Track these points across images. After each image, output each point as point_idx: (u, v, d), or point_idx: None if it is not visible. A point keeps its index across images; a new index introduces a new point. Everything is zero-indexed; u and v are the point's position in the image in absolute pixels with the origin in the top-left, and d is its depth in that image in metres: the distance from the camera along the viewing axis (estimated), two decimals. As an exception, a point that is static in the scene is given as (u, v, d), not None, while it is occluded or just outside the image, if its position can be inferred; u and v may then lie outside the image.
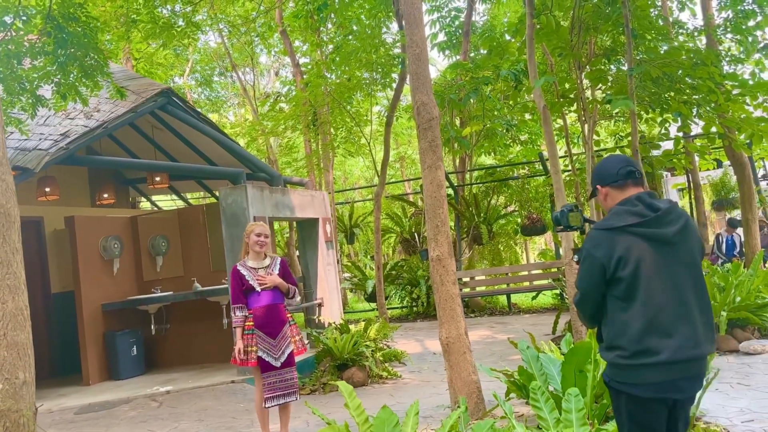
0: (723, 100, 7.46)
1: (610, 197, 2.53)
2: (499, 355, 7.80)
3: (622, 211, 2.43)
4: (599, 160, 2.63)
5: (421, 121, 5.40)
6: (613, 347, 2.37)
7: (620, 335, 2.34)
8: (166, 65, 17.65)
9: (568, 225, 2.82)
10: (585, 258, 2.43)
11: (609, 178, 2.52)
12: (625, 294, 2.34)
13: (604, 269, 2.36)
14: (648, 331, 2.30)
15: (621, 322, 2.35)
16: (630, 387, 2.34)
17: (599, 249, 2.38)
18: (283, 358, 4.79)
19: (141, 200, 12.93)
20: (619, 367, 2.36)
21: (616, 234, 2.37)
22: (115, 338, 7.96)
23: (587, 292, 2.44)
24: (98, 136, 7.34)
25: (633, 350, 2.31)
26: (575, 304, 2.52)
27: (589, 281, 2.42)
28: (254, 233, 4.84)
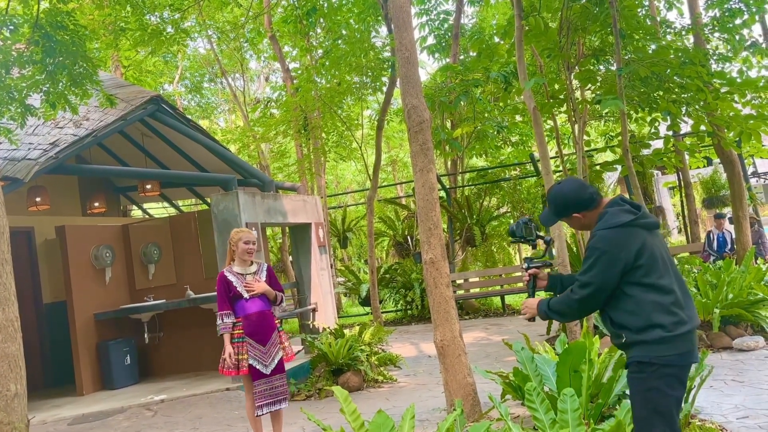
0: (711, 98, 7.51)
1: (588, 216, 2.79)
2: (494, 356, 7.80)
3: (617, 211, 2.68)
4: (557, 181, 2.94)
5: (411, 124, 5.41)
6: (652, 326, 2.55)
7: (655, 312, 2.56)
8: (155, 72, 17.60)
9: (523, 236, 3.04)
10: (601, 255, 2.60)
11: (585, 204, 2.78)
12: (648, 277, 2.59)
13: (624, 264, 2.58)
14: (676, 304, 2.59)
15: (651, 301, 2.57)
16: (676, 358, 2.55)
17: (618, 245, 2.60)
18: (273, 365, 4.76)
19: (132, 208, 12.88)
20: (664, 341, 2.54)
21: (627, 228, 2.62)
22: (108, 348, 7.90)
23: (603, 286, 2.61)
24: (88, 144, 7.31)
25: (672, 322, 2.55)
26: (581, 299, 2.65)
27: (607, 276, 2.59)
28: (242, 241, 4.79)
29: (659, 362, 2.55)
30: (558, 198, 2.83)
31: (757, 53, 10.10)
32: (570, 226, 2.94)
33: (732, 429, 4.23)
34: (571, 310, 2.73)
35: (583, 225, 2.84)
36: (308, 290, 8.83)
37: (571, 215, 2.81)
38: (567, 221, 2.88)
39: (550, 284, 3.03)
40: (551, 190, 2.89)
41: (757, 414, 4.47)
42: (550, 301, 2.81)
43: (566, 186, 2.84)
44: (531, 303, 2.90)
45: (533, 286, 2.99)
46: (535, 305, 2.87)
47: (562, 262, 6.86)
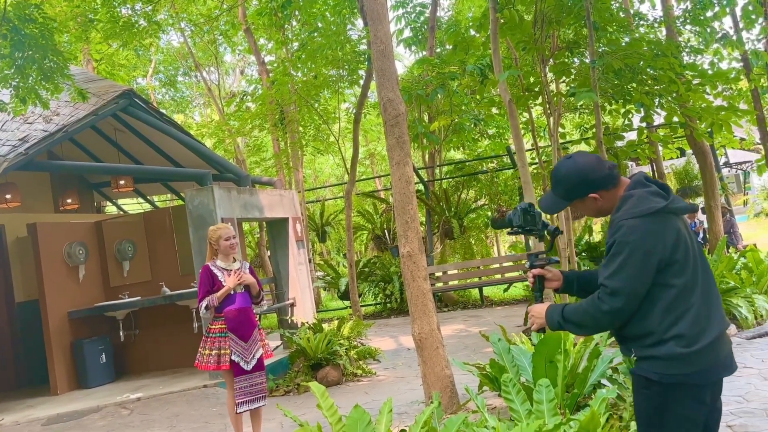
0: (683, 90, 7.60)
1: (606, 197, 2.25)
2: (473, 348, 7.85)
3: (645, 195, 2.17)
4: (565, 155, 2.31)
5: (387, 117, 5.39)
6: (668, 339, 2.09)
7: (676, 323, 2.10)
8: (128, 66, 17.34)
9: (522, 226, 2.45)
10: (633, 251, 2.08)
11: (606, 181, 2.24)
12: (678, 276, 2.11)
13: (659, 259, 2.09)
14: (701, 309, 2.12)
15: (677, 309, 2.10)
16: (693, 376, 2.09)
17: (650, 237, 2.09)
18: (253, 361, 4.75)
19: (106, 204, 12.69)
20: (679, 358, 2.08)
21: (661, 216, 2.12)
22: (83, 346, 7.79)
23: (638, 291, 2.10)
24: (59, 140, 7.17)
25: (693, 333, 2.09)
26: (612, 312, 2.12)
27: (642, 278, 2.09)
28: (223, 238, 4.75)
29: (669, 381, 2.10)
30: (571, 175, 2.26)
31: (728, 45, 10.25)
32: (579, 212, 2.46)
33: (704, 416, 4.30)
34: (595, 322, 2.18)
35: (599, 209, 2.29)
36: (286, 285, 8.79)
37: (586, 197, 2.25)
38: (579, 205, 2.32)
39: (565, 284, 2.46)
40: (560, 166, 2.31)
41: (728, 400, 4.55)
42: (565, 309, 2.24)
43: (581, 160, 2.27)
44: (539, 310, 2.33)
45: (540, 288, 2.44)
46: (543, 313, 2.30)
47: (539, 254, 6.91)
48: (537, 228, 2.46)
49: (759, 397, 4.55)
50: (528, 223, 2.45)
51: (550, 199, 2.35)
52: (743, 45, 10.49)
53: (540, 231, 2.47)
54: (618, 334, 2.23)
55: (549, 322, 2.28)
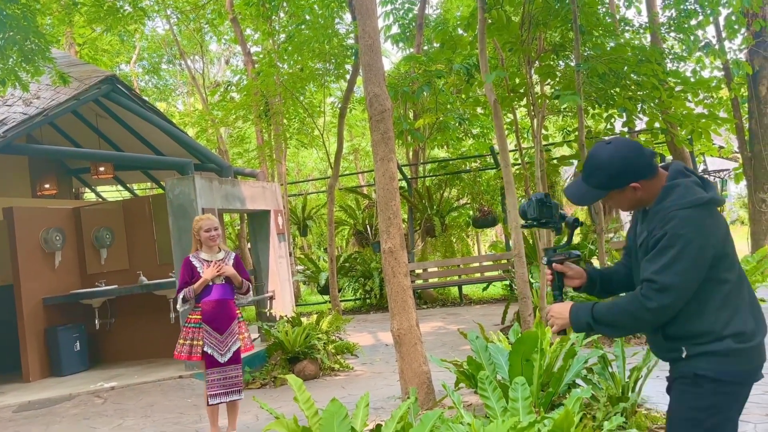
0: (666, 96, 7.70)
1: (645, 188, 2.07)
2: (450, 345, 7.89)
3: (691, 185, 2.03)
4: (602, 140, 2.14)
5: (373, 113, 5.38)
6: (726, 335, 1.98)
7: (733, 317, 2.00)
8: (111, 52, 17.11)
9: (537, 219, 2.26)
10: (687, 245, 1.94)
11: (647, 170, 2.06)
12: (729, 271, 2.02)
13: (714, 252, 1.98)
14: (752, 307, 2.05)
15: (730, 303, 2.01)
16: (743, 375, 2.01)
17: (705, 229, 1.97)
18: (228, 354, 4.72)
19: (85, 191, 12.53)
20: (735, 354, 1.98)
21: (710, 208, 2.00)
22: (57, 333, 7.69)
23: (689, 287, 1.97)
24: (38, 123, 7.06)
25: (749, 329, 2.01)
26: (660, 309, 1.97)
27: (696, 273, 1.96)
28: (203, 230, 4.72)
29: (724, 378, 1.99)
30: (614, 162, 2.05)
31: (710, 54, 10.40)
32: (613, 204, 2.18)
33: (675, 417, 4.37)
34: (636, 322, 2.02)
35: (637, 201, 2.11)
36: (266, 278, 8.75)
37: (626, 186, 2.07)
38: (615, 197, 2.12)
39: (588, 283, 2.30)
40: (599, 152, 2.10)
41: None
42: (596, 308, 2.07)
43: (624, 145, 2.08)
44: (559, 310, 2.15)
45: (560, 286, 2.26)
46: (566, 313, 2.13)
47: (518, 254, 6.96)
48: (554, 220, 2.27)
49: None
50: (544, 215, 2.26)
51: (582, 190, 2.13)
52: (725, 54, 10.66)
53: (557, 223, 2.28)
54: (661, 333, 2.06)
55: (575, 322, 2.11)
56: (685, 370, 2.04)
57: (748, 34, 10.69)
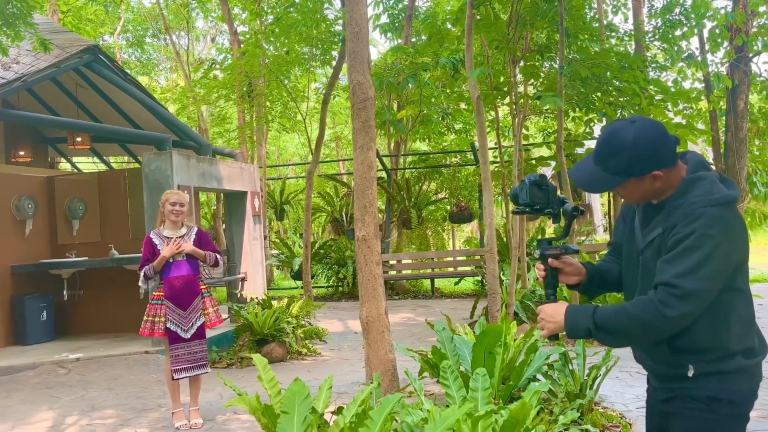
0: (645, 104, 7.82)
1: (665, 178, 1.80)
2: (418, 336, 7.97)
3: (713, 178, 1.79)
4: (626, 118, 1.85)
5: (355, 100, 5.40)
6: (739, 351, 1.79)
7: (747, 332, 1.81)
8: (95, 22, 16.82)
9: (530, 204, 1.96)
10: (716, 247, 1.69)
11: (672, 158, 1.80)
12: (745, 281, 1.81)
13: (738, 259, 1.77)
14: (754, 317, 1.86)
15: (744, 316, 1.80)
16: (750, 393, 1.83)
17: (734, 232, 1.75)
18: (192, 330, 4.73)
19: (60, 161, 12.35)
20: (744, 371, 1.80)
21: (734, 207, 1.78)
22: (24, 302, 7.61)
23: (712, 294, 1.73)
24: (16, 89, 6.95)
25: (757, 344, 1.83)
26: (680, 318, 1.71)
27: (721, 278, 1.73)
28: (169, 202, 4.71)
29: (738, 399, 1.79)
30: (640, 144, 1.75)
31: (692, 65, 10.56)
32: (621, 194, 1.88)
33: (630, 417, 4.50)
34: (648, 331, 1.74)
35: (654, 192, 1.82)
36: (239, 259, 8.73)
37: (647, 174, 1.77)
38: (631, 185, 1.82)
39: (587, 282, 2.03)
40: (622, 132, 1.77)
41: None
42: (598, 312, 1.78)
43: (649, 127, 1.77)
44: (554, 312, 1.86)
45: (554, 284, 1.98)
46: (560, 316, 1.84)
47: (491, 250, 7.05)
48: (550, 206, 1.98)
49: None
50: (539, 199, 1.96)
51: (596, 174, 1.82)
52: (707, 66, 10.83)
53: (555, 210, 1.98)
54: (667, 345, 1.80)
55: (571, 327, 1.82)
56: (694, 393, 1.81)
57: (731, 48, 10.87)
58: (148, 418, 4.93)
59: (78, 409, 5.21)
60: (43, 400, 5.48)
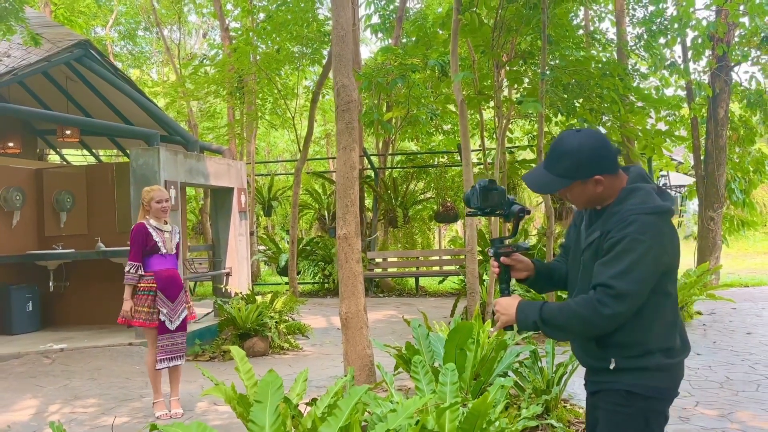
0: (624, 111, 8.02)
1: (606, 185, 1.98)
2: (399, 333, 8.13)
3: (650, 190, 1.96)
4: (556, 138, 2.06)
5: (339, 102, 5.54)
6: (659, 349, 1.94)
7: (670, 332, 1.97)
8: (87, 14, 16.83)
9: (481, 207, 2.14)
10: (648, 251, 1.85)
11: (614, 164, 1.98)
12: (673, 285, 1.98)
13: (669, 262, 1.92)
14: (678, 321, 2.01)
15: (669, 317, 1.96)
16: (669, 391, 1.98)
17: (664, 238, 1.90)
18: (177, 322, 4.87)
19: (49, 153, 12.40)
20: (663, 369, 1.95)
21: (668, 217, 1.94)
22: (10, 292, 7.70)
23: (643, 295, 1.88)
24: (6, 82, 7.05)
25: (678, 344, 1.98)
26: (614, 317, 1.87)
27: (651, 279, 1.88)
28: (155, 200, 4.81)
29: (654, 395, 1.94)
30: (584, 149, 1.95)
31: (675, 72, 10.77)
32: (569, 197, 2.05)
33: (597, 413, 4.68)
34: (587, 327, 1.90)
35: (596, 197, 2.00)
36: (224, 254, 8.86)
37: (589, 178, 1.96)
38: (576, 189, 2.00)
39: (534, 277, 2.22)
40: (568, 138, 1.99)
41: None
42: (545, 308, 1.95)
43: (592, 136, 1.99)
44: (507, 305, 2.03)
45: (507, 279, 2.17)
46: (513, 309, 2.01)
47: (471, 251, 7.22)
48: (501, 207, 2.15)
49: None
50: (489, 203, 2.14)
51: (545, 178, 2.00)
52: (689, 74, 11.05)
53: (505, 211, 2.15)
54: (596, 347, 1.98)
55: (521, 320, 1.99)
56: (614, 386, 1.97)
57: (712, 58, 11.10)
58: (130, 407, 5.06)
59: (61, 397, 5.33)
60: (27, 389, 5.59)
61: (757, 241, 20.28)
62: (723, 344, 7.09)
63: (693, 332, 7.84)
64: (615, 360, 1.95)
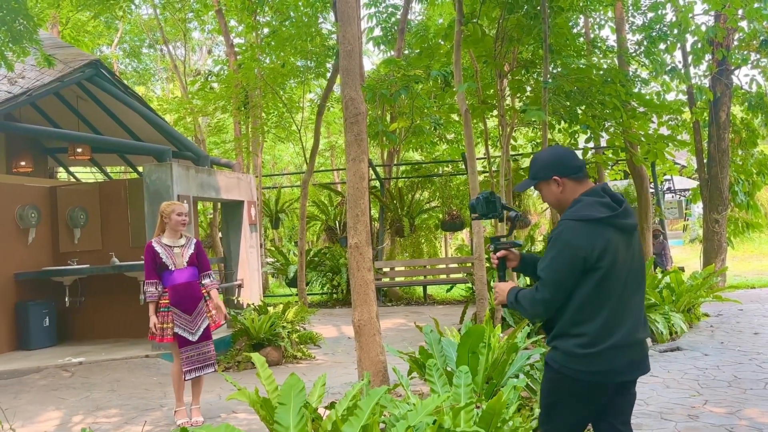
0: (626, 117, 8.14)
1: (567, 189, 2.49)
2: (410, 341, 8.23)
3: (593, 202, 2.42)
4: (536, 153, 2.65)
5: (348, 115, 5.69)
6: (572, 335, 2.39)
7: (582, 323, 2.38)
8: (94, 33, 17.10)
9: (484, 212, 2.78)
10: (563, 249, 2.37)
11: (571, 170, 2.49)
12: (598, 283, 2.36)
13: (585, 260, 2.35)
14: (609, 319, 2.37)
15: (587, 310, 2.37)
16: (584, 374, 2.39)
17: (581, 239, 2.36)
18: (199, 332, 5.00)
19: (59, 170, 12.59)
20: (576, 355, 2.38)
21: (595, 225, 2.37)
22: (27, 308, 7.84)
23: (564, 282, 2.38)
24: (22, 103, 7.22)
25: (593, 337, 2.36)
26: (543, 301, 2.40)
27: (568, 272, 2.37)
28: (175, 213, 4.96)
29: (569, 374, 2.41)
30: (544, 155, 2.57)
31: (676, 77, 10.90)
32: (543, 198, 2.60)
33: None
34: (533, 308, 2.47)
35: (558, 198, 2.52)
36: (235, 266, 8.99)
37: (551, 178, 2.50)
38: (543, 189, 2.56)
39: (521, 264, 2.77)
40: (538, 153, 2.65)
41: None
42: (519, 292, 2.55)
43: (558, 147, 2.64)
44: (503, 288, 2.64)
45: (503, 268, 2.77)
46: (506, 291, 2.61)
47: (479, 257, 7.34)
48: (497, 212, 2.79)
49: (657, 402, 5.05)
50: (490, 209, 2.79)
51: (524, 181, 2.63)
52: (690, 79, 11.18)
53: (500, 214, 2.80)
54: (544, 321, 2.55)
55: (509, 300, 2.58)
56: (549, 360, 2.51)
57: (712, 62, 11.22)
58: (151, 416, 5.18)
59: (83, 409, 5.46)
60: (50, 401, 5.72)
61: (762, 243, 20.31)
62: (730, 344, 7.17)
63: (700, 333, 7.93)
64: (548, 339, 2.51)
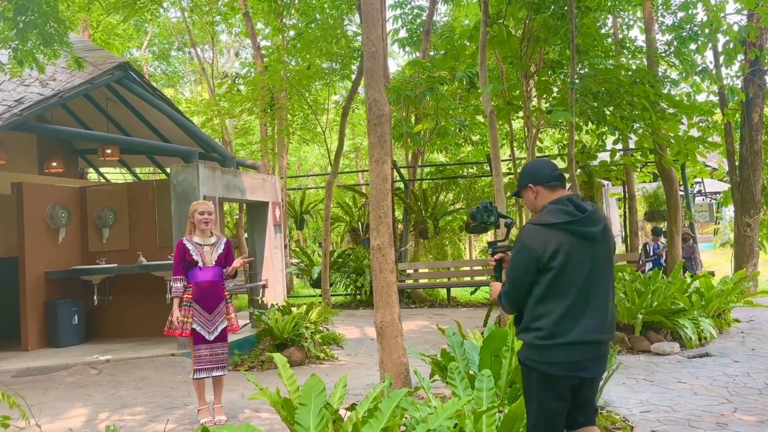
0: (656, 118, 8.01)
1: (540, 196, 2.79)
2: (432, 343, 8.18)
3: (555, 210, 2.69)
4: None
5: (371, 117, 5.69)
6: (531, 329, 2.67)
7: (539, 318, 2.65)
8: (124, 36, 17.41)
9: (483, 221, 3.04)
10: (521, 249, 2.67)
11: (543, 178, 2.78)
12: (552, 282, 2.63)
13: (538, 260, 2.62)
14: (564, 316, 2.62)
15: (543, 307, 2.65)
16: (543, 365, 2.65)
17: (535, 242, 2.64)
18: (216, 333, 5.04)
19: (89, 171, 12.82)
20: (535, 347, 2.66)
21: (550, 229, 2.64)
22: (57, 306, 8.00)
23: (520, 280, 2.68)
24: (53, 104, 7.37)
25: (548, 331, 2.62)
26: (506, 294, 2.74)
27: (523, 270, 2.67)
28: (197, 212, 5.05)
29: (530, 365, 2.70)
30: (525, 167, 2.93)
31: (707, 78, 10.68)
32: (525, 203, 2.97)
33: (634, 420, 4.69)
34: (501, 303, 2.82)
35: (534, 204, 2.84)
36: (260, 267, 9.05)
37: (526, 185, 2.83)
38: (524, 195, 2.89)
39: None
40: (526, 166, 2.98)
41: (658, 409, 4.95)
42: (502, 289, 2.87)
43: (539, 160, 2.98)
44: (496, 287, 2.97)
45: (500, 269, 3.03)
46: (498, 289, 2.93)
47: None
48: (493, 220, 3.06)
49: (685, 409, 4.95)
50: (488, 217, 3.05)
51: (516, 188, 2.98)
52: (721, 80, 10.95)
53: (497, 223, 3.06)
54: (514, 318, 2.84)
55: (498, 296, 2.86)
56: (520, 357, 2.77)
57: (744, 62, 10.98)
58: (175, 414, 5.23)
59: (110, 406, 5.54)
60: (77, 398, 5.82)
61: (796, 248, 19.76)
62: (762, 351, 7.00)
63: (731, 339, 7.75)
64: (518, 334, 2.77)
